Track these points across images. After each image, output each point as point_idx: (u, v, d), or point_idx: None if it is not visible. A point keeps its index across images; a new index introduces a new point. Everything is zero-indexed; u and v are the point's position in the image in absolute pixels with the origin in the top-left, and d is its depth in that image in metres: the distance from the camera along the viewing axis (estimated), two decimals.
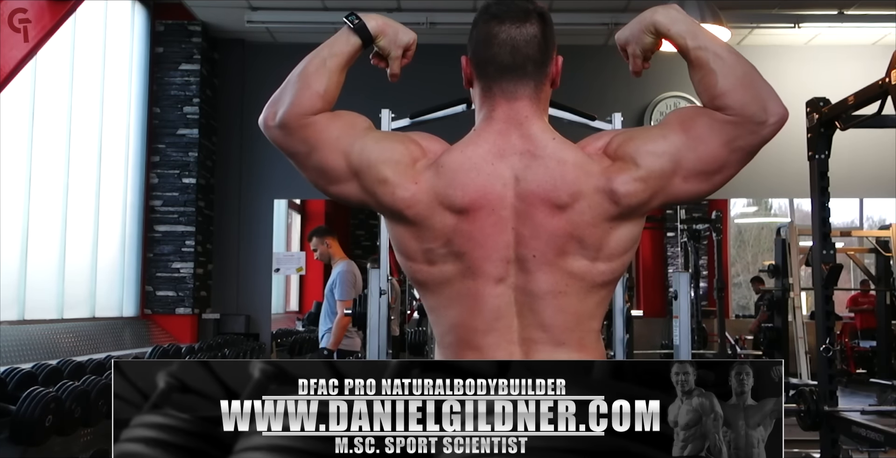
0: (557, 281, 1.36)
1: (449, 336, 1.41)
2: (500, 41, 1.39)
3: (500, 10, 1.41)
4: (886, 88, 3.00)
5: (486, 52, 1.41)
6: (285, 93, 1.42)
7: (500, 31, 1.39)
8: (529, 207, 1.35)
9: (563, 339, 1.37)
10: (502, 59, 1.40)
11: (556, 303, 1.36)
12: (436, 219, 1.36)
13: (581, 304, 1.38)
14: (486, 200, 1.35)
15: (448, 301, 1.40)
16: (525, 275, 1.36)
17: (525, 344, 1.37)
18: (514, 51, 1.39)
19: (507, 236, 1.36)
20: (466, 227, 1.36)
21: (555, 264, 1.35)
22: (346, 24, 1.45)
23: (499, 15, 1.40)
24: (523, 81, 1.41)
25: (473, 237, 1.36)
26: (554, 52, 1.45)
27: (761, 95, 1.37)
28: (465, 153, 1.38)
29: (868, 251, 7.60)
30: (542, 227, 1.35)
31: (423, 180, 1.37)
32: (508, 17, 1.40)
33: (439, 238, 1.37)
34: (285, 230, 10.29)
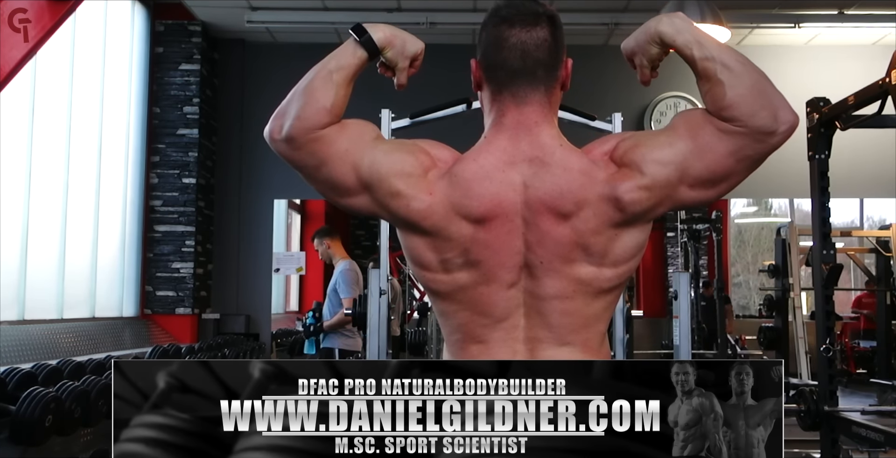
0: (564, 287, 1.36)
1: (456, 334, 1.43)
2: (510, 45, 1.38)
3: (510, 14, 1.39)
4: (886, 88, 3.00)
5: (496, 57, 1.39)
6: (291, 106, 1.40)
7: (511, 34, 1.38)
8: (536, 214, 1.35)
9: (569, 339, 1.38)
10: (512, 64, 1.38)
11: (562, 307, 1.37)
12: (452, 229, 1.36)
13: (587, 308, 1.38)
14: (501, 209, 1.36)
15: (460, 305, 1.40)
16: (533, 280, 1.37)
17: (530, 343, 1.38)
18: (524, 55, 1.38)
19: (519, 242, 1.36)
20: (483, 235, 1.36)
21: (561, 271, 1.36)
22: (351, 36, 1.43)
23: (509, 18, 1.39)
24: (534, 85, 1.39)
25: (490, 246, 1.36)
26: (564, 55, 1.44)
27: (772, 103, 1.35)
28: (479, 162, 1.38)
29: (868, 251, 7.59)
30: (547, 235, 1.35)
31: (437, 191, 1.36)
32: (518, 21, 1.38)
33: (456, 247, 1.37)
34: (285, 230, 10.29)
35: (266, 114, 1.48)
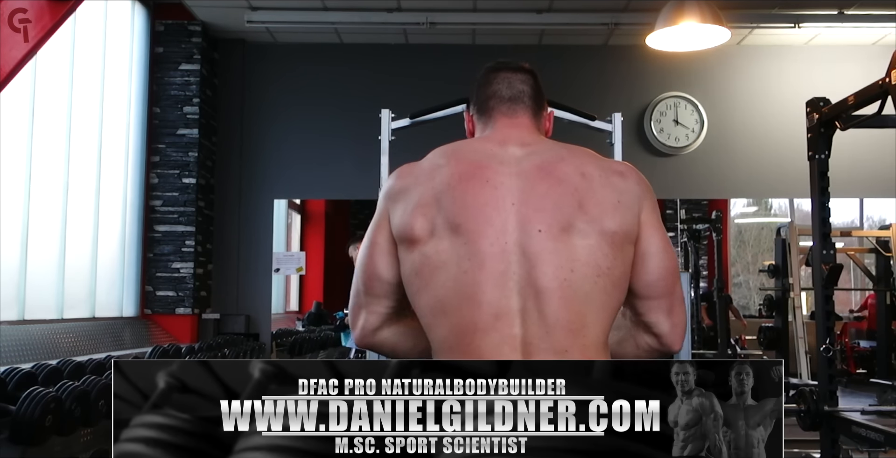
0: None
1: None
2: (498, 79, 1.59)
3: (499, 65, 1.62)
4: (886, 88, 3.00)
5: (486, 91, 1.59)
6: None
7: (498, 74, 1.60)
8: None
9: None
10: (502, 93, 1.57)
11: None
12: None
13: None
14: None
15: None
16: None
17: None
18: (510, 86, 1.58)
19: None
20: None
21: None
22: None
23: (496, 67, 1.62)
24: (521, 107, 1.57)
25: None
26: (545, 103, 1.62)
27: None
28: (472, 145, 1.56)
29: (868, 251, 7.59)
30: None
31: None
32: (504, 68, 1.61)
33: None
34: (285, 230, 10.29)
35: (266, 114, 1.48)
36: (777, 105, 7.22)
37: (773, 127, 7.20)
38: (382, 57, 7.21)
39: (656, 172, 7.00)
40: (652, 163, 7.14)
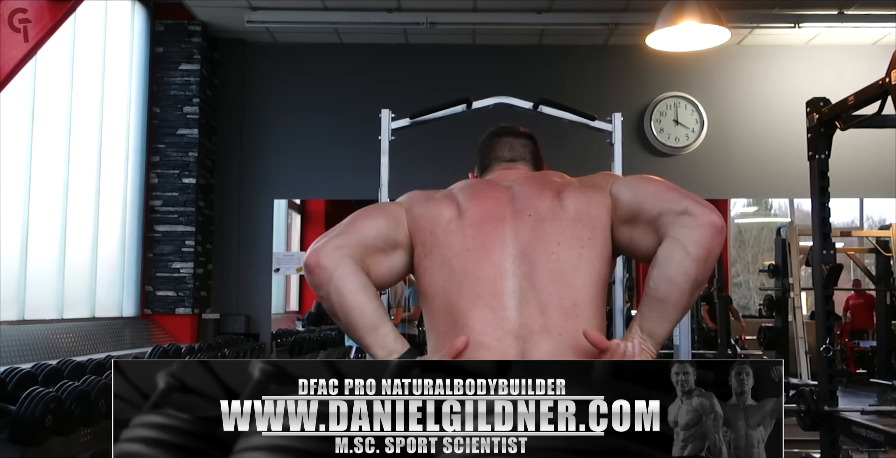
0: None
1: None
2: (501, 143, 1.79)
3: (501, 130, 1.82)
4: (886, 88, 2.99)
5: (489, 154, 1.78)
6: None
7: (501, 139, 1.79)
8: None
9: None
10: (503, 154, 1.77)
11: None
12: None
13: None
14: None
15: None
16: None
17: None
18: (511, 148, 1.78)
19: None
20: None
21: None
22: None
23: (499, 132, 1.82)
24: (521, 163, 1.77)
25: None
26: (543, 166, 1.79)
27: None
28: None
29: (868, 251, 7.59)
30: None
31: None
32: (506, 133, 1.81)
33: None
34: (285, 230, 10.29)
35: (266, 114, 1.49)
36: (777, 105, 7.22)
37: (773, 127, 7.20)
38: (382, 57, 7.21)
39: (656, 172, 6.93)
40: (652, 163, 7.14)
